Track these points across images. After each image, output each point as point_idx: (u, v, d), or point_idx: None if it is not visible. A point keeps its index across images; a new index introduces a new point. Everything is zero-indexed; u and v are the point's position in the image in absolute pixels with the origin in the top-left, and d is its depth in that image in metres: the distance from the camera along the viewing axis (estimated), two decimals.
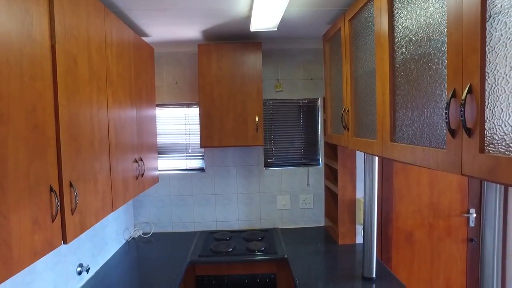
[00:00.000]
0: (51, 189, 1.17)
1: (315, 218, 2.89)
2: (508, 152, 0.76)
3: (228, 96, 2.47)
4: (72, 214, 1.29)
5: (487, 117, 0.83)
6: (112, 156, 1.70)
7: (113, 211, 1.70)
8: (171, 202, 2.84)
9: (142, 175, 2.18)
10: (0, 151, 0.94)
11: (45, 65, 1.15)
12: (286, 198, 2.86)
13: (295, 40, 2.70)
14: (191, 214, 2.85)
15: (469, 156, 0.88)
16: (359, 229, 2.46)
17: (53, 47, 1.20)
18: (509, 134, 0.77)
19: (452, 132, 0.94)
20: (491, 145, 0.82)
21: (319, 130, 2.86)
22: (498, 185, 0.95)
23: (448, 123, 0.94)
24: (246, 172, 2.84)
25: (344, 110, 1.93)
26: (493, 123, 0.82)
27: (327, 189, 2.82)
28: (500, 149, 0.79)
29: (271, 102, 2.84)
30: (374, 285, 1.89)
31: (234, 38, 2.55)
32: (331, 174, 2.75)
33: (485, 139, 0.84)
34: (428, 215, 2.60)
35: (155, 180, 2.45)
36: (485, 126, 0.84)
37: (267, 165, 2.86)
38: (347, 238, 2.46)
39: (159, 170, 2.70)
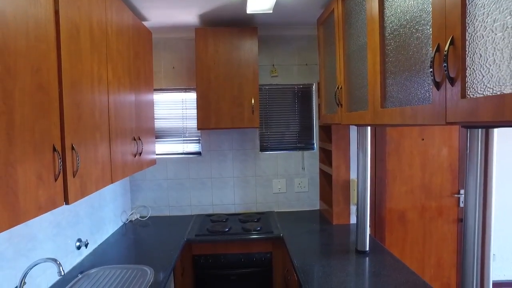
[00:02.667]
0: (54, 149, 1.21)
1: (310, 201, 2.94)
2: (486, 93, 0.82)
3: (225, 79, 2.52)
4: (73, 177, 1.33)
5: (467, 65, 0.89)
6: (111, 130, 1.75)
7: (112, 182, 1.74)
8: (168, 185, 2.88)
9: (140, 154, 2.22)
10: (8, 103, 0.98)
11: (49, 29, 1.20)
12: (281, 182, 2.91)
13: (290, 27, 2.76)
14: (188, 198, 2.89)
15: (452, 104, 0.94)
16: (353, 209, 2.51)
17: (56, 12, 1.24)
18: (486, 75, 0.83)
19: (437, 85, 1.00)
20: (471, 89, 0.88)
21: (313, 114, 2.92)
22: (478, 164, 1.01)
23: (433, 76, 1.00)
24: (242, 156, 2.89)
25: (338, 87, 1.99)
26: (473, 69, 0.88)
27: (322, 172, 2.88)
28: (479, 91, 0.85)
29: (266, 88, 2.90)
30: (367, 258, 1.94)
31: (231, 23, 2.61)
32: (326, 158, 2.80)
33: (466, 85, 0.90)
34: (420, 196, 2.66)
35: (153, 162, 2.49)
36: (466, 73, 0.90)
37: (262, 149, 2.92)
38: (342, 218, 2.52)
39: (156, 154, 2.75)
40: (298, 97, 2.92)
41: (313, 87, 2.91)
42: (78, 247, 1.97)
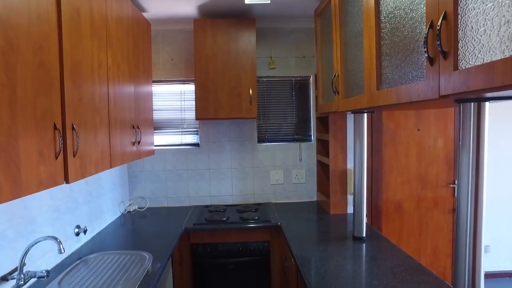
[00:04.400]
0: (55, 127, 1.23)
1: (308, 193, 2.97)
2: (477, 63, 0.85)
3: (223, 69, 2.54)
4: (74, 157, 1.35)
5: (460, 38, 0.92)
6: (111, 116, 1.76)
7: (111, 167, 1.76)
8: (166, 177, 2.89)
9: (139, 142, 2.24)
10: (10, 77, 1.00)
11: (50, 9, 1.22)
12: (279, 173, 2.94)
13: (287, 19, 2.79)
14: (186, 189, 2.91)
15: (445, 77, 0.96)
16: (350, 199, 2.54)
17: None
18: (477, 46, 0.85)
19: (431, 60, 1.03)
20: (463, 61, 0.91)
21: (311, 106, 2.95)
22: (471, 137, 1.03)
23: (426, 53, 1.03)
24: (240, 147, 2.91)
25: (334, 76, 2.02)
26: (465, 41, 0.90)
27: (319, 164, 2.90)
28: (470, 62, 0.88)
29: (264, 80, 2.92)
30: (364, 244, 1.96)
31: (229, 15, 2.63)
32: (323, 149, 2.83)
33: (458, 58, 0.92)
34: (416, 186, 2.69)
35: (151, 152, 2.51)
36: (458, 46, 0.93)
37: (260, 140, 2.94)
38: (339, 208, 2.54)
39: (155, 146, 2.76)
40: (295, 89, 2.95)
41: (310, 79, 2.94)
42: (77, 234, 1.98)
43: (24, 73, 1.06)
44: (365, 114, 2.02)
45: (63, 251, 1.31)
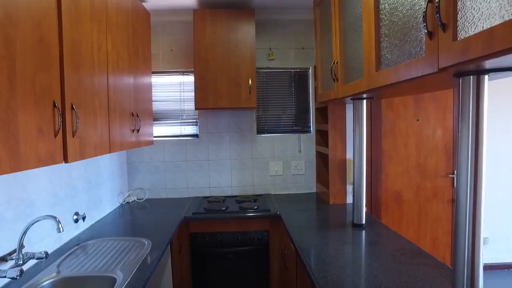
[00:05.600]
0: (54, 105, 1.23)
1: (307, 184, 2.97)
2: (476, 31, 0.85)
3: (222, 60, 2.54)
4: (73, 137, 1.35)
5: (459, 8, 0.92)
6: (110, 101, 1.76)
7: (110, 152, 1.76)
8: (165, 168, 2.89)
9: (138, 130, 2.24)
10: (9, 49, 1.00)
11: None
12: (278, 164, 2.94)
13: (287, 10, 2.79)
14: (185, 180, 2.90)
15: (444, 49, 0.96)
16: (349, 189, 2.54)
17: None
18: (476, 14, 0.86)
19: (430, 34, 1.03)
20: (462, 32, 0.91)
21: (310, 98, 2.95)
22: (471, 111, 1.04)
23: (426, 28, 1.03)
24: (239, 138, 2.91)
25: (334, 63, 2.02)
26: (464, 11, 0.90)
27: (319, 154, 2.90)
28: (469, 32, 0.88)
29: (263, 71, 2.93)
30: (364, 231, 1.96)
31: (229, 5, 2.63)
32: (322, 140, 2.83)
33: (458, 28, 0.92)
34: (416, 176, 2.69)
35: (150, 142, 2.51)
36: (458, 17, 0.93)
37: (259, 131, 2.94)
38: (338, 198, 2.54)
39: (154, 137, 2.76)
40: (294, 80, 2.95)
41: (310, 71, 2.95)
42: (76, 220, 1.98)
43: (23, 47, 1.06)
44: (364, 101, 2.02)
45: (61, 230, 1.31)
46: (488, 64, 0.91)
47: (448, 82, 1.23)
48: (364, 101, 2.02)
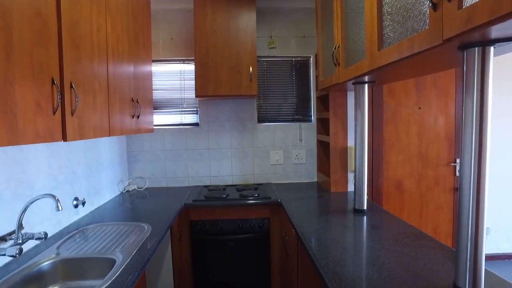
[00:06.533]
0: (53, 82, 1.21)
1: (308, 173, 2.95)
2: None
3: (223, 47, 2.52)
4: (72, 115, 1.33)
5: None
6: (110, 84, 1.75)
7: (110, 135, 1.74)
8: (166, 157, 2.88)
9: (138, 116, 2.22)
10: (6, 20, 0.98)
11: None
12: (279, 153, 2.92)
13: None
14: (185, 169, 2.89)
15: (449, 19, 0.94)
16: (351, 177, 2.52)
17: None
18: None
19: (434, 6, 1.01)
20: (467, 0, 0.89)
21: (311, 87, 2.93)
22: (475, 84, 1.02)
23: (429, 0, 1.01)
24: (240, 127, 2.89)
25: (335, 47, 2.00)
26: None
27: (320, 144, 2.89)
28: None
29: (264, 60, 2.91)
30: (365, 216, 1.95)
31: None
32: (323, 129, 2.81)
33: None
34: (417, 165, 2.68)
35: (151, 129, 2.49)
36: None
37: (260, 120, 2.92)
38: (339, 186, 2.53)
39: (154, 125, 2.75)
40: (295, 69, 2.93)
41: (311, 59, 2.92)
42: (76, 206, 1.97)
43: (20, 19, 1.04)
44: (366, 86, 2.00)
45: (60, 209, 1.30)
46: (494, 32, 0.89)
47: (451, 58, 1.21)
48: (366, 86, 2.00)
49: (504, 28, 0.84)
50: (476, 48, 0.99)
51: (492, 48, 0.99)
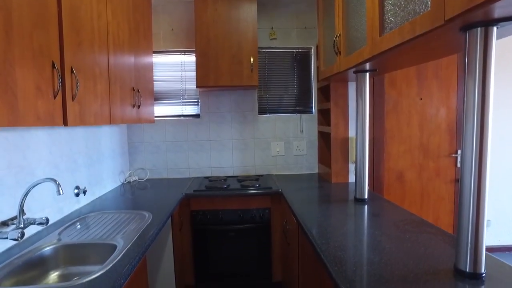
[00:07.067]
0: (54, 66, 1.21)
1: (309, 165, 2.95)
2: None
3: (224, 37, 2.51)
4: (72, 100, 1.33)
5: None
6: (111, 72, 1.75)
7: (111, 123, 1.74)
8: (166, 148, 2.88)
9: (139, 106, 2.22)
10: (5, 0, 0.98)
11: None
12: (280, 145, 2.92)
13: None
14: (186, 160, 2.89)
15: None
16: (352, 168, 2.52)
17: None
18: None
19: None
20: None
21: (312, 78, 2.92)
22: (477, 65, 1.01)
23: None
24: (241, 118, 2.89)
25: (336, 36, 1.99)
26: None
27: (321, 135, 2.88)
28: None
29: (265, 51, 2.90)
30: (366, 205, 1.95)
31: None
32: (324, 120, 2.81)
33: None
34: (418, 156, 2.67)
35: (151, 119, 2.49)
36: None
37: (261, 111, 2.92)
38: (340, 177, 2.53)
39: (155, 116, 2.74)
40: (297, 60, 2.92)
41: (312, 51, 2.91)
42: (77, 194, 1.97)
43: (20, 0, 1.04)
44: (367, 75, 1.99)
45: (61, 193, 1.30)
46: (498, 10, 0.88)
47: (454, 40, 1.20)
48: (367, 74, 1.99)
49: (508, 5, 0.83)
50: (479, 29, 0.98)
51: (495, 29, 0.99)
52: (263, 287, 2.50)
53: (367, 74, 1.98)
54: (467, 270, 1.06)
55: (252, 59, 2.51)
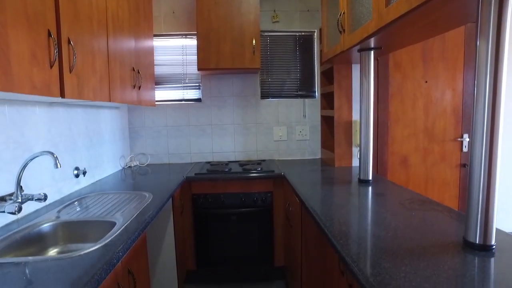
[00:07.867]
0: (50, 35, 1.17)
1: (312, 150, 2.92)
2: None
3: (226, 19, 2.47)
4: (70, 72, 1.30)
5: None
6: (110, 49, 1.71)
7: (110, 100, 1.71)
8: (168, 132, 2.84)
9: (139, 87, 2.18)
10: None
11: None
12: (282, 129, 2.88)
13: None
14: (188, 145, 2.86)
15: None
16: (355, 151, 2.48)
17: None
18: None
19: None
20: None
21: (315, 62, 2.88)
22: (491, 31, 0.97)
23: None
24: (243, 103, 2.85)
25: (340, 14, 1.94)
26: None
27: (324, 119, 2.84)
28: None
29: (267, 34, 2.84)
30: (370, 186, 1.91)
31: None
32: (327, 104, 2.77)
33: None
34: (423, 140, 2.63)
35: (152, 103, 2.46)
36: None
37: (263, 96, 2.88)
38: (344, 161, 2.49)
39: (156, 101, 2.71)
40: (299, 44, 2.87)
41: (315, 34, 2.86)
42: (76, 175, 1.95)
43: None
44: (372, 53, 1.94)
45: (59, 166, 1.27)
46: None
47: (465, 5, 1.15)
48: (372, 53, 1.94)
49: None
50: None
51: None
52: (265, 271, 2.48)
53: (372, 53, 1.94)
54: (477, 242, 1.02)
55: (254, 41, 2.46)
